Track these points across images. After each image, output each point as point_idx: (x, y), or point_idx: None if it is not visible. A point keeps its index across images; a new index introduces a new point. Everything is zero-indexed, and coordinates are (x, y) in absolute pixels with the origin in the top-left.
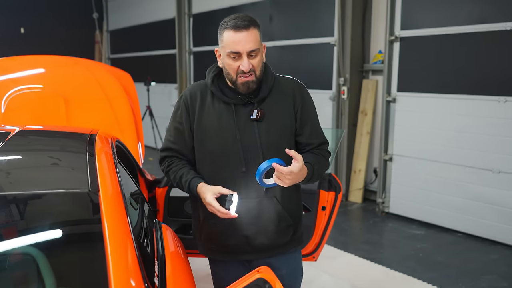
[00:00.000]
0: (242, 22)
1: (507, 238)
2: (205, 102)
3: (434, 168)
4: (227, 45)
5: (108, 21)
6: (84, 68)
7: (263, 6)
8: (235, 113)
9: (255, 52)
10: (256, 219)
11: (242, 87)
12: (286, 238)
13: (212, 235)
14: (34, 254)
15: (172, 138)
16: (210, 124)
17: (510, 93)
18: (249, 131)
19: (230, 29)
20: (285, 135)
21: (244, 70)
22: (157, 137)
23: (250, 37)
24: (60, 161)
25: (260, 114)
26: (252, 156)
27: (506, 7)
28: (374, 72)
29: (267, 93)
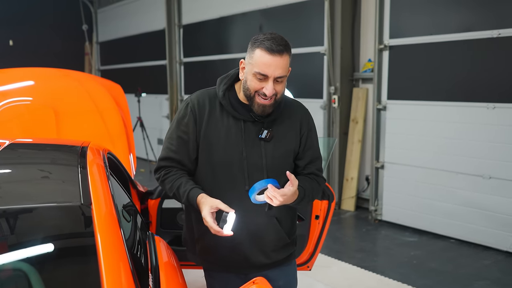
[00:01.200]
0: (278, 46)
1: (499, 244)
2: (214, 114)
3: (425, 175)
4: (256, 65)
5: (97, 33)
6: (74, 80)
7: (253, 16)
8: (244, 129)
9: (282, 78)
10: (255, 238)
11: (258, 108)
12: (283, 256)
13: (209, 249)
14: (26, 270)
15: (174, 147)
16: (217, 138)
17: (498, 100)
18: (256, 150)
19: (264, 50)
20: (288, 158)
21: (267, 95)
22: (148, 148)
23: (282, 63)
24: (51, 174)
25: (269, 135)
26: (256, 175)
27: (493, 15)
28: (364, 81)
29: (278, 115)
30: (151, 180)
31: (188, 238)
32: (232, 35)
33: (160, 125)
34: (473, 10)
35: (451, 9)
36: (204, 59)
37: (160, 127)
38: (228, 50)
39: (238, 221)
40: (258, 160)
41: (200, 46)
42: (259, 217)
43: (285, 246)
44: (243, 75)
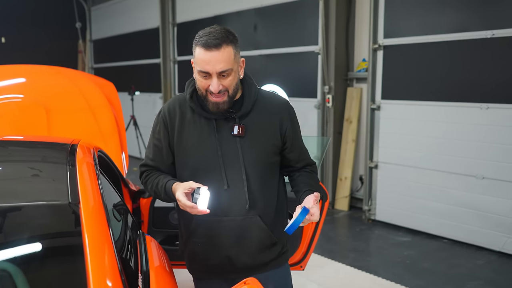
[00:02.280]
0: (214, 40)
1: (492, 244)
2: (185, 118)
3: (419, 175)
4: (197, 63)
5: (91, 31)
6: (66, 78)
7: (248, 15)
8: (216, 128)
9: (227, 72)
10: (238, 238)
11: (212, 107)
12: (271, 257)
13: (195, 254)
14: (10, 270)
15: (151, 155)
16: (190, 141)
17: (491, 100)
18: (231, 147)
19: (201, 47)
20: (268, 153)
21: (213, 91)
22: (141, 146)
23: (221, 57)
24: (39, 172)
25: (241, 130)
26: (234, 173)
27: (487, 16)
28: (359, 80)
29: (249, 108)
30: None
31: (180, 244)
32: None
33: None
34: (467, 11)
35: (445, 10)
36: None
37: None
38: None
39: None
40: (234, 158)
41: None
42: (240, 216)
43: (272, 246)
44: (194, 74)
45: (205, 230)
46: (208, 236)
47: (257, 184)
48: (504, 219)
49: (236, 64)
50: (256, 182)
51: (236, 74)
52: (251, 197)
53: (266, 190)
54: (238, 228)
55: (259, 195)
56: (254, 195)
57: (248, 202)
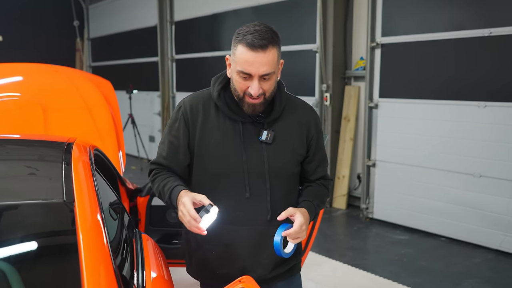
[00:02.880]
0: (260, 40)
1: (490, 242)
2: (209, 117)
3: (416, 173)
4: (238, 62)
5: (89, 29)
6: (63, 76)
7: (246, 13)
8: (242, 132)
9: (269, 75)
10: (255, 249)
11: (248, 108)
12: (285, 269)
13: (206, 262)
14: (5, 269)
15: (165, 153)
16: (213, 143)
17: (489, 98)
18: (256, 153)
19: (245, 46)
20: (294, 162)
21: (253, 94)
22: (139, 145)
23: (266, 59)
24: (35, 170)
25: (270, 136)
26: (257, 181)
27: (485, 14)
28: (356, 79)
29: (279, 114)
30: (142, 178)
31: (186, 250)
32: (224, 32)
33: (151, 122)
34: (465, 9)
35: (443, 8)
36: (196, 56)
37: (151, 124)
38: (220, 47)
39: (238, 235)
40: (259, 165)
41: (192, 43)
42: (258, 228)
43: (287, 260)
44: (229, 72)
45: (221, 238)
46: (224, 245)
47: (279, 194)
48: (502, 217)
49: (277, 66)
50: (279, 192)
51: (276, 76)
52: (273, 208)
53: (287, 201)
54: (256, 238)
55: (281, 206)
56: (276, 205)
57: (270, 213)
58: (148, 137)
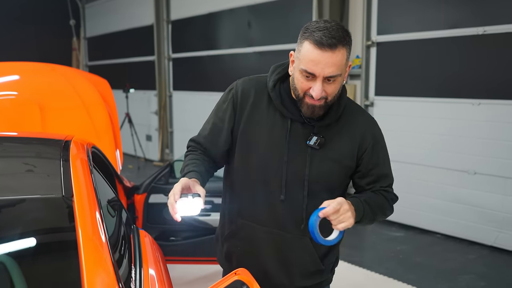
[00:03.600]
0: (330, 39)
1: (485, 238)
2: (259, 106)
3: (412, 170)
4: (303, 60)
5: (85, 28)
6: (60, 75)
7: (242, 12)
8: (290, 130)
9: (334, 78)
10: (282, 256)
11: (307, 110)
12: (311, 283)
13: (232, 256)
14: (6, 262)
15: (206, 133)
16: (258, 134)
17: (483, 96)
18: (300, 156)
19: (312, 43)
20: (339, 173)
21: (314, 97)
22: (136, 144)
23: (334, 60)
24: (33, 167)
25: (319, 142)
26: (296, 186)
27: (479, 12)
28: (352, 77)
29: (333, 120)
30: (139, 177)
31: (219, 234)
32: (220, 31)
33: (148, 121)
34: (459, 7)
35: (437, 6)
36: (192, 55)
37: (148, 123)
38: (216, 46)
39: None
40: (300, 169)
41: (189, 42)
42: (290, 233)
43: (316, 273)
44: (292, 69)
45: (247, 235)
46: (250, 244)
47: (317, 204)
48: (496, 214)
49: (345, 69)
50: (317, 201)
51: (342, 80)
52: (308, 217)
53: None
54: (284, 245)
55: None
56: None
57: (305, 222)
58: (145, 136)
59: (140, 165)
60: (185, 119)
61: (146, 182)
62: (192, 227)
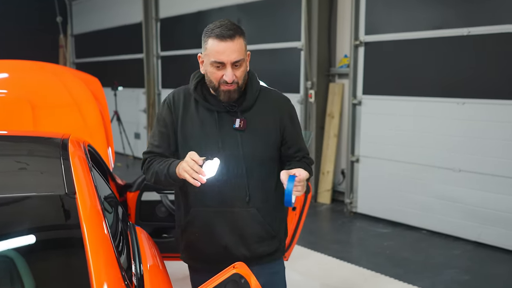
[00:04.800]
0: (228, 31)
1: (469, 234)
2: (188, 108)
3: (399, 168)
4: (211, 54)
5: (72, 25)
6: (51, 73)
7: (231, 11)
8: (218, 121)
9: (239, 62)
10: (236, 230)
11: (224, 96)
12: (268, 250)
13: (191, 243)
14: (13, 257)
15: (156, 142)
16: (192, 131)
17: (468, 96)
18: (231, 140)
19: (215, 38)
20: (268, 148)
21: (227, 81)
22: (125, 142)
23: (235, 47)
24: (34, 166)
25: (243, 124)
26: (234, 166)
27: (465, 13)
28: (340, 76)
29: (251, 103)
30: (128, 175)
31: (177, 233)
32: None
33: (137, 119)
34: (445, 8)
35: (424, 7)
36: (181, 53)
37: (137, 121)
38: None
39: (218, 215)
40: (234, 151)
41: (178, 40)
42: (238, 207)
43: (270, 239)
44: (203, 68)
45: (202, 220)
46: (206, 226)
47: (256, 177)
48: (480, 210)
49: (245, 55)
50: (255, 175)
51: (246, 66)
52: (251, 191)
53: (264, 184)
54: (236, 220)
55: (258, 189)
56: (253, 188)
57: (248, 196)
58: (133, 134)
59: (129, 163)
60: None
61: (138, 180)
62: None
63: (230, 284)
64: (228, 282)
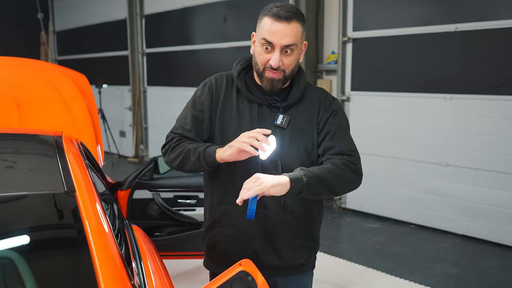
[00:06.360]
0: (285, 12)
1: (456, 228)
2: (230, 96)
3: (387, 164)
4: (262, 32)
5: (54, 22)
6: (35, 69)
7: (218, 8)
8: (257, 113)
9: (291, 48)
10: (266, 234)
11: (266, 84)
12: (299, 261)
13: (215, 246)
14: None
15: (188, 126)
16: (230, 121)
17: (455, 91)
18: None
19: (271, 17)
20: (307, 150)
21: (273, 66)
22: (110, 141)
23: (289, 31)
24: (30, 164)
25: (285, 121)
26: (269, 164)
27: (452, 10)
28: (328, 72)
29: (296, 100)
30: (113, 173)
31: (202, 232)
32: (195, 26)
33: (122, 117)
34: (432, 5)
35: (412, 4)
36: (167, 50)
37: (122, 119)
38: (191, 41)
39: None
40: None
41: (163, 36)
42: (271, 210)
43: (301, 249)
44: (253, 48)
45: (230, 220)
46: (233, 228)
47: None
48: (467, 204)
49: (300, 43)
50: None
51: (298, 54)
52: (286, 194)
53: None
54: (267, 223)
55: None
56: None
57: (284, 199)
58: (118, 132)
59: (114, 161)
60: (160, 115)
61: (129, 178)
62: (177, 222)
63: (237, 282)
64: (234, 280)
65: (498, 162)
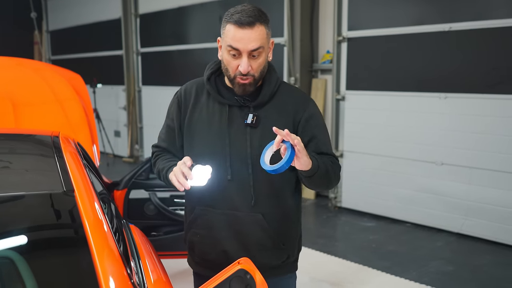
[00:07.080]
0: (247, 18)
1: (451, 226)
2: (199, 101)
3: (382, 163)
4: (227, 38)
5: (48, 21)
6: (30, 69)
7: (212, 7)
8: (228, 115)
9: (258, 51)
10: (237, 234)
11: (238, 89)
12: (276, 262)
13: (194, 245)
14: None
15: (163, 136)
16: (200, 125)
17: (449, 90)
18: (240, 137)
19: (233, 24)
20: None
21: (242, 72)
22: (105, 141)
23: (254, 35)
24: (28, 164)
25: (255, 120)
26: (240, 164)
27: (446, 10)
28: (323, 72)
29: (267, 99)
30: (108, 173)
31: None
32: (190, 26)
33: (116, 117)
34: (427, 4)
35: (406, 3)
36: (162, 49)
37: (116, 118)
38: (186, 41)
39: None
40: (242, 148)
41: (158, 36)
42: (242, 211)
43: (276, 250)
44: (220, 54)
45: (204, 221)
46: (207, 228)
47: (264, 180)
48: (462, 203)
49: (267, 44)
50: (264, 178)
51: (266, 56)
52: (257, 194)
53: (274, 189)
54: (238, 223)
55: (266, 193)
56: (260, 192)
57: (254, 199)
58: (113, 132)
59: (109, 161)
60: (155, 114)
61: (126, 178)
62: (173, 222)
63: (235, 280)
64: (233, 278)
65: (492, 160)
